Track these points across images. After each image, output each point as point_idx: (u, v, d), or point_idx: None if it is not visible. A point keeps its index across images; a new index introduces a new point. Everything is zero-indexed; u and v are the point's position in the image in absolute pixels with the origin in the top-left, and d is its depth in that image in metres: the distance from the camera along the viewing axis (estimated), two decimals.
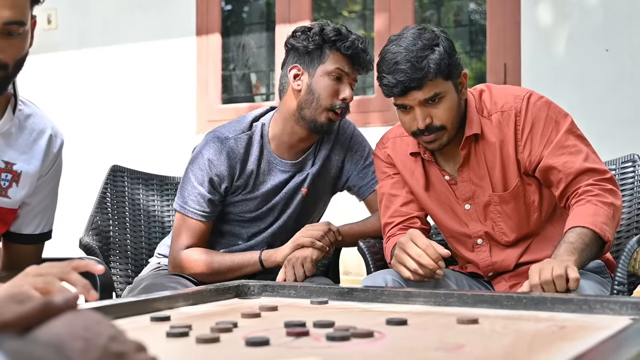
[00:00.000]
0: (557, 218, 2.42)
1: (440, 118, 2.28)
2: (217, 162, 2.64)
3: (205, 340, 1.28)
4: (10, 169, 2.10)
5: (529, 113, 2.34)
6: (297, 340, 1.30)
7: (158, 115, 5.71)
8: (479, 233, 2.44)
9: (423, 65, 2.22)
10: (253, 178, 2.69)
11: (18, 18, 1.82)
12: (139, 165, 3.33)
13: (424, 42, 2.26)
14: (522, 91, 2.40)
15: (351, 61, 2.63)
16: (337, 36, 2.62)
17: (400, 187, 2.51)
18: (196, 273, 2.63)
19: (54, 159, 2.20)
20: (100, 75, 5.93)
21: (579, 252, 2.06)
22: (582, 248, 2.08)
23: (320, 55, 2.63)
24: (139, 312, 1.66)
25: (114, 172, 3.10)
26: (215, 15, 5.62)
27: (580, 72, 4.48)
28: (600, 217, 2.16)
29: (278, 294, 1.98)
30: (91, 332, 0.81)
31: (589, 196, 2.22)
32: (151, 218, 3.17)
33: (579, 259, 2.05)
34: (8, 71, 1.88)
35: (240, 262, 2.62)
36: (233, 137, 2.67)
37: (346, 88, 2.62)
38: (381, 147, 2.58)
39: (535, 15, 4.60)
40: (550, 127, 2.32)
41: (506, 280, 2.43)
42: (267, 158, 2.71)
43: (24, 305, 0.84)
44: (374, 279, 2.32)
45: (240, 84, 5.99)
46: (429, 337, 1.39)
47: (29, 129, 2.14)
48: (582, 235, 2.11)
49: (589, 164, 2.29)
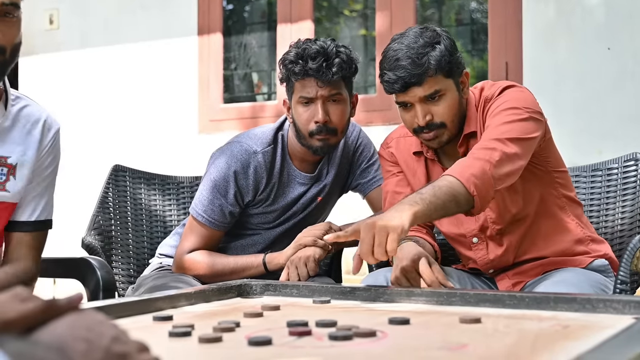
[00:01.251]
0: (552, 213, 2.41)
1: (441, 115, 2.29)
2: (244, 175, 2.64)
3: (208, 340, 1.28)
4: (5, 163, 2.10)
5: (495, 100, 2.34)
6: (299, 340, 1.30)
7: (160, 114, 5.71)
8: (473, 232, 2.44)
9: (423, 61, 2.24)
10: (274, 191, 2.69)
11: (15, 0, 1.89)
12: (140, 164, 3.33)
13: (425, 40, 2.27)
14: (504, 83, 2.39)
15: (313, 80, 2.53)
16: (292, 64, 2.54)
17: (404, 185, 2.52)
18: (199, 275, 2.63)
19: (50, 147, 2.20)
20: (102, 75, 5.93)
21: (425, 204, 1.95)
22: (430, 199, 1.97)
23: (290, 86, 2.61)
24: (141, 311, 1.66)
25: (115, 172, 3.10)
26: (217, 15, 5.62)
27: (582, 70, 4.48)
28: (473, 169, 2.08)
29: (280, 293, 1.98)
30: (94, 333, 0.81)
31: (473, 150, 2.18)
32: (153, 217, 3.17)
33: (423, 209, 1.94)
34: (6, 56, 1.92)
35: (244, 265, 2.62)
36: (261, 152, 2.65)
37: (318, 110, 2.53)
38: (385, 147, 2.59)
39: (536, 14, 4.59)
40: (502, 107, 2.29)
41: (509, 278, 2.44)
42: (288, 171, 2.71)
43: (27, 304, 0.84)
44: (375, 276, 2.33)
45: (242, 84, 5.98)
46: (432, 337, 1.39)
47: (22, 121, 2.15)
48: (442, 186, 2.02)
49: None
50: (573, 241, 2.42)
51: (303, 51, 2.53)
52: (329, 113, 2.55)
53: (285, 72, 2.58)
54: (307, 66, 2.50)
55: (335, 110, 2.56)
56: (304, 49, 2.53)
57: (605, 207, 2.75)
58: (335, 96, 2.55)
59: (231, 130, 5.17)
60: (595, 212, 2.76)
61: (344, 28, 5.92)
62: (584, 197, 2.78)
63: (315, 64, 2.49)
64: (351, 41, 5.76)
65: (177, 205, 3.25)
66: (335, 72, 2.50)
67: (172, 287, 2.42)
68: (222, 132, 5.32)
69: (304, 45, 2.55)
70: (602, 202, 2.76)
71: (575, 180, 2.80)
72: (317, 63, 2.49)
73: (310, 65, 2.50)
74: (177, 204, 3.25)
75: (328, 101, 2.55)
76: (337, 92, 2.55)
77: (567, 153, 2.75)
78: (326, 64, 2.50)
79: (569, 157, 2.79)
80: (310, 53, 2.51)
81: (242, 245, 2.77)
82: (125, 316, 1.61)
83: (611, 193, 2.74)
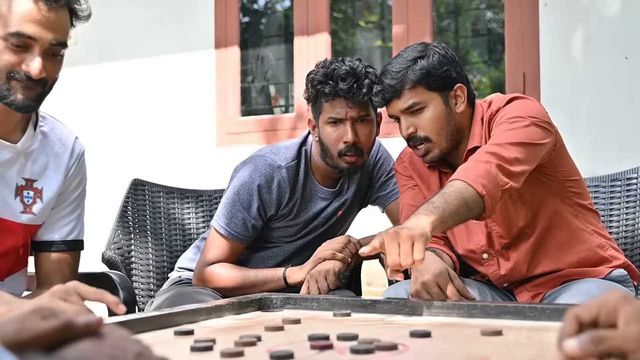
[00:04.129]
0: (565, 223, 2.40)
1: (424, 128, 2.33)
2: (267, 190, 2.64)
3: (230, 355, 1.29)
4: (31, 186, 2.12)
5: (499, 112, 2.34)
6: (321, 354, 1.30)
7: (178, 128, 5.73)
8: (482, 248, 2.44)
9: (401, 75, 2.30)
10: (297, 205, 2.70)
11: (63, 39, 1.98)
12: (159, 178, 3.34)
13: (414, 55, 2.33)
14: (510, 96, 2.39)
15: (343, 100, 2.54)
16: (320, 84, 2.54)
17: (421, 199, 2.51)
18: (219, 287, 2.64)
19: (76, 169, 2.24)
20: (120, 89, 5.95)
21: (439, 212, 1.96)
22: (443, 207, 1.98)
23: (318, 106, 2.60)
24: (162, 326, 1.67)
25: (135, 186, 3.12)
26: (234, 28, 5.63)
27: (599, 80, 4.46)
28: (477, 170, 2.09)
29: (300, 306, 1.98)
30: (118, 349, 0.82)
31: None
32: (172, 231, 3.18)
33: (439, 217, 1.95)
34: (46, 88, 2.01)
35: (264, 278, 2.63)
36: (285, 167, 2.66)
37: (347, 130, 2.54)
38: (400, 162, 2.61)
39: (553, 24, 4.58)
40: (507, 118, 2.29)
41: (528, 290, 2.43)
42: (310, 186, 2.73)
43: (48, 321, 0.84)
44: (395, 290, 2.33)
45: (259, 96, 6.00)
46: (454, 349, 1.39)
47: (50, 143, 2.19)
48: (451, 192, 2.03)
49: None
50: (590, 249, 2.40)
51: (332, 72, 2.53)
52: (357, 133, 2.56)
53: (314, 92, 2.57)
54: (338, 87, 2.51)
55: (363, 130, 2.57)
56: (333, 69, 2.53)
57: (625, 217, 2.73)
58: (364, 117, 2.57)
59: (249, 143, 5.18)
60: (615, 221, 2.75)
61: (360, 39, 5.93)
62: (603, 207, 2.77)
63: (345, 85, 2.50)
64: (367, 52, 5.77)
65: (196, 218, 3.26)
66: (365, 93, 2.51)
67: (191, 300, 2.42)
68: (240, 144, 5.33)
69: (332, 65, 2.55)
70: (621, 212, 2.75)
71: (595, 190, 2.79)
72: (347, 84, 2.50)
73: (340, 86, 2.50)
74: (196, 217, 3.26)
75: (356, 122, 2.56)
76: (365, 113, 2.57)
77: (585, 163, 2.74)
78: (357, 85, 2.50)
79: (587, 167, 2.78)
80: (341, 74, 2.51)
81: (262, 258, 2.78)
82: (146, 331, 1.62)
83: (630, 202, 2.73)
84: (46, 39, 1.93)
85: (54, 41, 1.95)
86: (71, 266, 2.24)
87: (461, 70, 2.39)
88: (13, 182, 2.10)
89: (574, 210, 2.42)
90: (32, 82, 1.95)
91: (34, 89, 1.97)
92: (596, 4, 4.44)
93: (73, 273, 2.24)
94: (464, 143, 2.39)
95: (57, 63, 2.02)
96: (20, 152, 2.10)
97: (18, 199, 2.11)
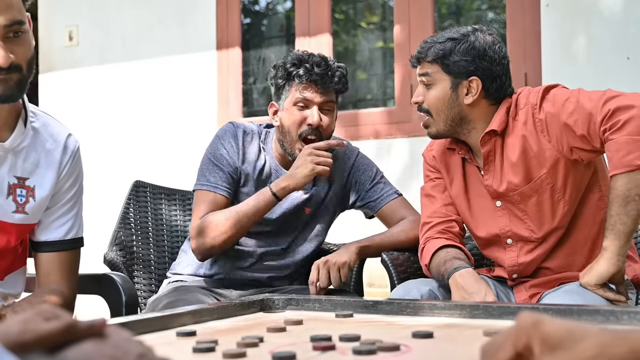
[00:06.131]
0: (586, 222, 2.39)
1: (427, 101, 2.43)
2: (233, 137, 2.73)
3: (232, 356, 1.28)
4: (23, 184, 2.10)
5: (544, 106, 2.37)
6: (323, 355, 1.30)
7: (179, 129, 5.73)
8: (508, 233, 2.44)
9: (427, 47, 2.42)
10: (261, 171, 2.75)
11: (17, 18, 1.89)
12: (161, 179, 3.34)
13: (451, 35, 2.43)
14: (542, 87, 2.45)
15: (314, 86, 2.65)
16: (294, 66, 2.66)
17: (440, 191, 2.57)
18: (222, 231, 2.61)
19: (70, 167, 2.20)
20: (122, 90, 5.96)
21: (624, 235, 2.09)
22: (621, 228, 2.09)
23: (287, 90, 2.69)
24: (164, 327, 1.67)
25: (136, 188, 3.12)
26: (235, 29, 5.64)
27: (601, 80, 4.44)
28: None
29: (302, 307, 1.97)
30: (120, 351, 0.82)
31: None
32: (174, 232, 3.18)
33: (624, 239, 2.09)
34: (23, 72, 1.94)
35: (256, 203, 2.63)
36: (251, 126, 2.78)
37: (314, 113, 2.65)
38: (429, 149, 2.66)
39: (555, 24, 4.58)
40: (565, 110, 2.34)
41: (526, 290, 2.42)
42: (271, 163, 2.77)
43: (51, 322, 0.84)
44: (407, 288, 2.32)
45: (261, 97, 6.00)
46: (456, 350, 1.39)
47: (42, 140, 2.14)
48: (620, 199, 2.11)
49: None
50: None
51: (308, 57, 2.67)
52: (321, 119, 2.65)
53: (285, 74, 2.67)
54: (313, 70, 2.62)
55: (326, 118, 2.68)
56: (308, 55, 2.68)
57: None
58: (329, 104, 2.68)
59: None
60: None
61: (362, 40, 5.93)
62: None
63: (320, 70, 2.63)
64: (369, 53, 5.77)
65: None
66: (336, 82, 2.65)
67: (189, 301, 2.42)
68: None
69: (304, 54, 2.69)
70: None
71: None
72: (322, 70, 2.63)
73: (315, 71, 2.62)
74: None
75: (322, 109, 2.66)
76: (332, 101, 2.69)
77: None
78: (330, 73, 2.64)
79: None
80: (315, 60, 2.65)
81: (237, 251, 2.77)
82: (148, 332, 1.62)
83: None
84: (0, 24, 1.86)
85: (9, 22, 1.87)
86: (71, 264, 2.22)
87: (490, 67, 2.41)
88: (4, 181, 2.06)
89: (604, 213, 2.39)
90: (5, 72, 1.89)
91: (10, 77, 1.91)
92: (598, 4, 4.45)
93: (73, 271, 2.23)
94: (479, 129, 2.41)
95: (24, 42, 1.93)
96: (9, 150, 2.06)
97: (10, 198, 2.07)
